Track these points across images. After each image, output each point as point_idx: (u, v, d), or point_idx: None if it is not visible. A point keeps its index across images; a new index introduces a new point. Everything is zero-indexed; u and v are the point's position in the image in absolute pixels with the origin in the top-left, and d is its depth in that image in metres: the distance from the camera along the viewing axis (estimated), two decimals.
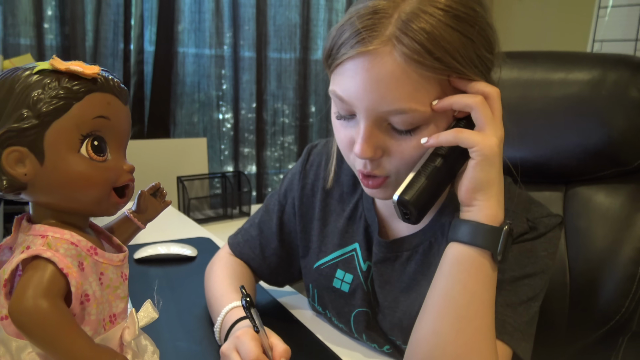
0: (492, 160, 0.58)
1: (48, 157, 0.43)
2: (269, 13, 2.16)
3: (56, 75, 0.43)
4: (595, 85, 0.85)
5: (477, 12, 0.59)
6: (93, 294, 0.44)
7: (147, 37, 1.96)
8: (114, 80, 0.46)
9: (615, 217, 0.84)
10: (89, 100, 0.44)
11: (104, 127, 0.44)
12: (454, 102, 0.59)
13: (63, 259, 0.42)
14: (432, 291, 0.61)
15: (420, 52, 0.56)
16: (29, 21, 1.68)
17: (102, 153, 0.44)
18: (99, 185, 0.45)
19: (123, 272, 0.49)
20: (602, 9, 1.92)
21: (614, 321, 0.80)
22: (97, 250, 0.46)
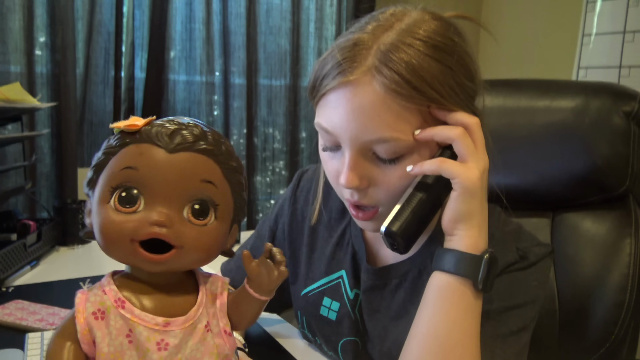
0: (473, 192, 0.58)
1: (93, 208, 0.45)
2: (259, 40, 2.18)
3: (120, 132, 0.45)
4: (579, 112, 0.86)
5: (455, 42, 0.61)
6: (107, 346, 0.42)
7: (137, 64, 1.97)
8: (166, 129, 0.44)
9: (602, 243, 0.84)
10: (123, 153, 0.44)
11: (134, 178, 0.43)
12: (434, 133, 0.59)
13: (83, 303, 0.44)
14: (416, 320, 0.61)
15: (399, 83, 0.57)
16: (20, 49, 1.68)
17: (129, 204, 0.42)
18: (115, 236, 0.43)
19: (163, 340, 0.44)
20: (586, 37, 1.96)
21: (604, 349, 0.80)
22: (126, 305, 0.44)
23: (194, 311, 0.46)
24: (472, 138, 0.60)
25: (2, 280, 1.06)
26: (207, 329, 0.46)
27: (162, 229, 0.42)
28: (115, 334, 0.43)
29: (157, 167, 0.43)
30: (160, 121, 0.45)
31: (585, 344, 0.82)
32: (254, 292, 0.49)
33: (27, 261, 1.17)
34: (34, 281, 1.10)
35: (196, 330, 0.46)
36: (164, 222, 0.42)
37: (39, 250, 1.24)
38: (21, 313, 0.89)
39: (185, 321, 0.45)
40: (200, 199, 0.44)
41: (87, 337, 0.43)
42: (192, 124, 0.45)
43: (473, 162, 0.59)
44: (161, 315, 0.44)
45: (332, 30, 2.41)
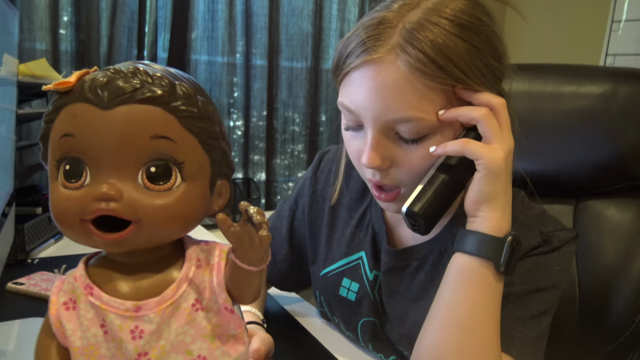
0: (497, 174, 0.58)
1: None
2: (281, 22, 2.17)
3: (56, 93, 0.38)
4: (606, 99, 0.84)
5: (483, 21, 0.60)
6: (79, 340, 0.38)
7: (160, 44, 1.98)
8: (97, 81, 0.36)
9: (626, 231, 0.83)
10: (59, 119, 0.37)
11: (73, 147, 0.36)
12: (459, 114, 0.59)
13: (56, 292, 0.39)
14: (436, 301, 0.61)
15: (424, 61, 0.56)
16: (45, 27, 1.70)
17: (75, 178, 0.36)
18: (65, 217, 0.37)
19: (137, 327, 0.37)
20: (615, 23, 1.92)
21: (624, 337, 0.79)
22: (94, 291, 0.38)
23: (172, 290, 0.39)
24: (498, 119, 0.59)
25: (27, 252, 1.08)
26: (195, 307, 0.39)
27: (110, 204, 0.35)
28: (87, 325, 0.37)
29: (93, 129, 0.35)
30: (95, 72, 0.37)
31: (605, 332, 0.81)
32: (240, 262, 0.39)
33: (51, 234, 1.20)
34: (58, 254, 1.12)
35: (179, 311, 0.39)
36: (111, 195, 0.35)
37: None
38: (46, 284, 0.91)
39: (159, 302, 0.38)
40: (156, 159, 0.36)
41: (60, 331, 0.38)
42: (132, 68, 0.37)
43: (498, 143, 0.58)
44: (132, 299, 0.38)
45: (354, 12, 2.38)
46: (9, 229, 0.92)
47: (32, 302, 0.86)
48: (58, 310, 0.38)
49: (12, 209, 0.94)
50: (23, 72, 1.20)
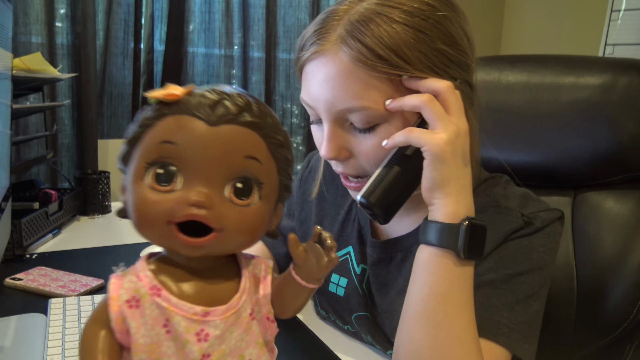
0: (442, 158, 0.56)
1: (128, 186, 0.41)
2: (278, 14, 2.15)
3: (157, 102, 0.40)
4: (605, 89, 0.84)
5: (432, 6, 0.60)
6: (142, 337, 0.39)
7: (157, 37, 1.97)
8: (207, 100, 0.39)
9: (625, 223, 0.83)
10: (160, 126, 0.39)
11: (172, 154, 0.38)
12: (403, 104, 0.59)
13: (116, 289, 0.40)
14: (406, 296, 0.60)
15: (364, 52, 0.57)
16: (41, 20, 1.69)
17: (166, 182, 0.38)
18: (152, 217, 0.39)
19: (203, 330, 0.40)
20: (615, 12, 1.90)
21: (621, 329, 0.79)
22: (162, 292, 0.40)
23: (236, 299, 0.42)
24: (444, 103, 0.58)
25: (25, 247, 1.08)
26: (252, 317, 0.43)
27: (202, 211, 0.38)
28: (152, 324, 0.39)
29: (197, 141, 0.38)
30: (201, 90, 0.40)
31: (603, 324, 0.81)
32: (300, 279, 0.44)
33: (49, 229, 1.20)
34: (56, 249, 1.12)
35: (240, 319, 0.42)
36: (203, 202, 0.38)
37: (60, 219, 1.26)
38: (44, 279, 0.91)
39: (226, 310, 0.41)
40: (243, 177, 0.40)
41: (120, 327, 0.39)
42: (236, 93, 0.41)
43: (441, 128, 0.57)
44: (200, 304, 0.40)
45: None
46: (6, 224, 0.92)
47: (30, 298, 0.86)
48: (121, 307, 0.39)
49: (8, 204, 0.94)
50: (18, 66, 1.19)
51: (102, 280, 0.92)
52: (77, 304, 0.81)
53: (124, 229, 1.31)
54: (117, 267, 0.44)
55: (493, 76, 0.95)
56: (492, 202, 0.67)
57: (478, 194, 0.67)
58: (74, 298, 0.83)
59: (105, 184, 1.41)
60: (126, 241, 1.19)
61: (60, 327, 0.74)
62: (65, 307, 0.79)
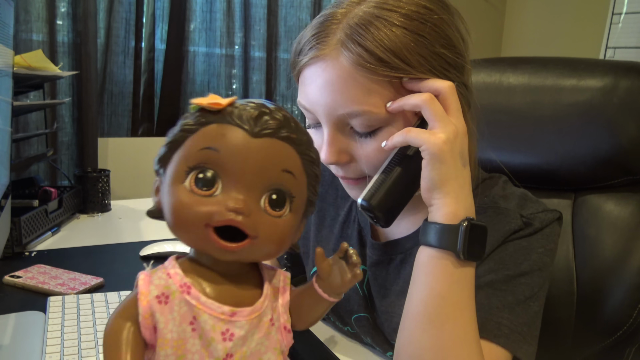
0: (441, 158, 0.56)
1: (165, 187, 0.42)
2: (280, 14, 2.16)
3: (197, 110, 0.42)
4: (607, 92, 0.84)
5: (430, 9, 0.59)
6: (170, 332, 0.40)
7: (158, 36, 1.97)
8: (250, 112, 0.40)
9: (625, 226, 0.83)
10: (203, 132, 0.41)
11: (213, 160, 0.40)
12: (403, 103, 0.59)
13: (146, 285, 0.41)
14: (407, 298, 0.60)
15: (364, 56, 0.57)
16: (42, 17, 1.69)
17: (206, 186, 0.39)
18: (190, 220, 0.39)
19: (228, 330, 0.41)
20: (616, 16, 1.91)
21: (621, 332, 0.79)
22: (192, 290, 0.41)
23: (261, 303, 0.43)
24: (445, 103, 0.58)
25: (25, 245, 1.08)
26: (271, 322, 0.44)
27: (239, 217, 0.39)
28: (179, 321, 0.40)
29: (239, 150, 0.40)
30: (243, 102, 0.42)
31: (603, 326, 0.81)
32: (322, 292, 0.46)
33: (48, 227, 1.19)
34: (56, 247, 1.12)
35: (262, 323, 0.43)
36: (242, 209, 0.39)
37: (60, 216, 1.26)
38: (43, 277, 0.91)
39: (251, 312, 0.42)
40: (278, 189, 0.41)
41: (148, 322, 0.40)
42: (275, 108, 0.42)
43: (440, 128, 0.57)
44: (227, 304, 0.41)
45: None
46: (5, 222, 0.92)
47: (29, 295, 0.86)
48: (150, 302, 0.40)
49: (8, 202, 0.94)
50: (19, 64, 1.19)
51: (102, 278, 0.92)
52: (76, 302, 0.80)
53: (124, 228, 1.31)
54: (147, 264, 0.45)
55: (494, 78, 0.95)
56: (491, 203, 0.67)
57: (476, 195, 0.67)
58: (73, 296, 0.83)
59: (105, 182, 1.41)
60: (125, 240, 1.19)
61: (59, 325, 0.74)
62: (64, 305, 0.79)
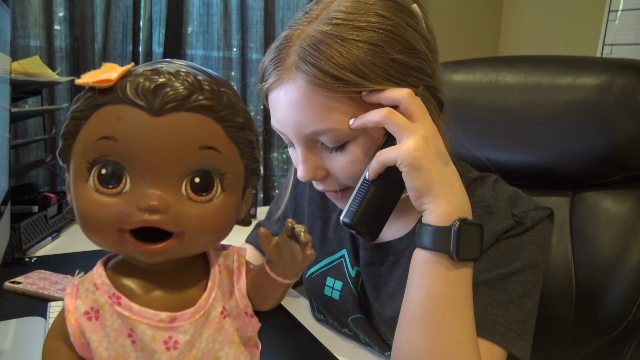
0: (417, 165, 0.56)
1: (71, 186, 0.36)
2: (276, 16, 2.16)
3: (88, 88, 0.35)
4: (603, 90, 0.84)
5: (382, 16, 0.59)
6: (106, 350, 0.36)
7: (155, 39, 1.97)
8: (146, 84, 0.33)
9: (623, 223, 0.83)
10: (96, 118, 0.34)
11: (114, 151, 0.33)
12: (365, 121, 0.59)
13: (72, 300, 0.37)
14: (404, 300, 0.60)
15: (318, 76, 0.57)
16: (39, 23, 1.69)
17: (112, 184, 0.34)
18: (100, 225, 0.34)
19: (171, 337, 0.36)
20: (612, 13, 1.91)
21: (620, 329, 0.79)
22: (122, 301, 0.36)
23: (204, 299, 0.38)
24: (406, 111, 0.58)
25: (24, 251, 1.08)
26: (223, 315, 0.39)
27: (156, 215, 0.33)
28: (115, 336, 0.36)
29: (141, 135, 0.33)
30: (140, 70, 0.34)
31: (601, 324, 0.81)
32: (275, 275, 0.40)
33: (48, 233, 1.20)
34: (56, 252, 1.12)
35: (210, 319, 0.38)
36: (157, 206, 0.33)
37: (59, 222, 1.26)
38: (43, 282, 0.91)
39: (194, 313, 0.37)
40: (201, 170, 0.35)
41: (80, 341, 0.36)
42: (183, 71, 0.34)
43: (406, 137, 0.56)
44: (166, 310, 0.36)
45: None
46: (5, 228, 0.92)
47: (29, 301, 0.86)
48: (78, 320, 0.36)
49: (7, 208, 0.94)
50: (16, 70, 1.19)
51: None
52: None
53: None
54: (76, 274, 0.42)
55: (491, 77, 0.95)
56: (482, 203, 0.67)
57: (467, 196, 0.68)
58: None
59: None
60: None
61: None
62: None
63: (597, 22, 1.97)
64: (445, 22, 2.24)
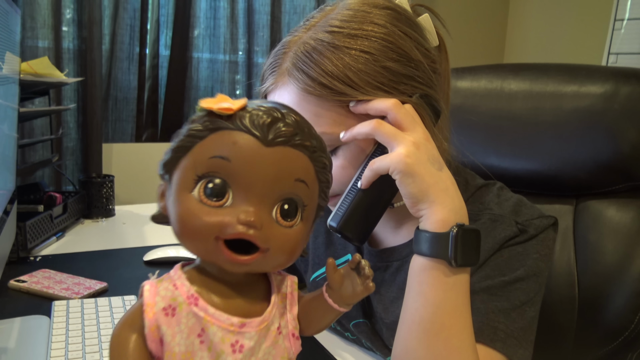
0: (410, 172, 0.56)
1: (171, 194, 0.40)
2: (283, 20, 2.17)
3: (205, 112, 0.39)
4: (607, 98, 0.84)
5: (377, 24, 0.60)
6: (177, 345, 0.39)
7: (162, 42, 1.98)
8: (262, 118, 0.38)
9: (626, 231, 0.83)
10: (212, 139, 0.38)
11: (224, 170, 0.38)
12: (355, 134, 0.59)
13: (152, 296, 0.39)
14: (402, 307, 0.60)
15: (308, 83, 0.58)
16: (48, 24, 1.71)
17: (217, 197, 0.38)
18: (198, 231, 0.38)
19: (238, 341, 0.40)
20: (618, 22, 1.91)
21: (623, 337, 0.79)
22: (200, 302, 0.39)
23: (269, 312, 0.42)
24: (394, 121, 0.58)
25: (29, 250, 1.09)
26: (279, 331, 0.43)
27: (251, 230, 0.37)
28: (187, 333, 0.39)
29: (252, 160, 0.38)
30: (255, 106, 0.39)
31: (604, 332, 0.81)
32: (333, 302, 0.45)
33: (53, 232, 1.20)
34: (60, 252, 1.13)
35: (269, 332, 0.42)
36: (254, 222, 0.37)
37: (64, 222, 1.27)
38: (48, 282, 0.92)
39: (261, 322, 0.41)
40: (290, 199, 0.39)
41: (154, 334, 0.39)
42: (287, 112, 0.40)
43: (397, 145, 0.57)
44: (237, 315, 0.40)
45: None
46: (11, 227, 0.92)
47: (34, 300, 0.87)
48: (156, 314, 0.39)
49: (14, 207, 0.95)
50: (25, 71, 1.20)
51: (106, 283, 0.92)
52: (80, 307, 0.81)
53: (128, 233, 1.31)
54: (152, 274, 0.43)
55: (496, 84, 0.96)
56: (486, 210, 0.67)
57: (471, 203, 0.68)
58: (77, 301, 0.83)
59: (110, 187, 1.42)
60: (129, 245, 1.19)
61: (64, 330, 0.74)
62: (69, 310, 0.80)
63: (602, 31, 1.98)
64: (451, 29, 2.24)
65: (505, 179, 0.75)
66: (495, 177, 0.75)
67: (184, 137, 0.39)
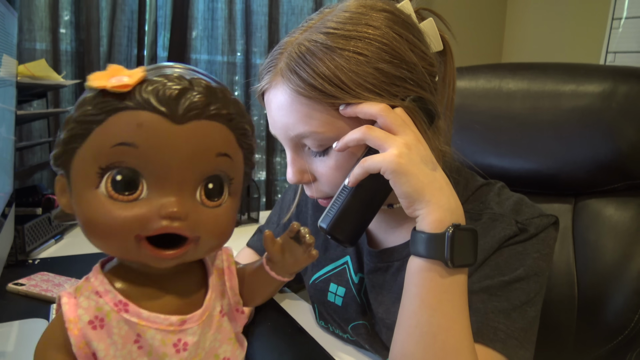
0: (403, 171, 0.56)
1: (73, 191, 0.35)
2: (281, 21, 2.17)
3: (97, 91, 0.33)
4: (606, 97, 0.84)
5: (372, 26, 0.60)
6: (113, 358, 0.35)
7: (160, 44, 1.98)
8: (168, 90, 0.32)
9: (625, 230, 0.83)
10: (112, 123, 0.33)
11: (131, 157, 0.33)
12: (347, 141, 0.59)
13: (73, 310, 0.35)
14: (400, 310, 0.60)
15: (300, 85, 0.59)
16: (45, 26, 1.70)
17: (128, 191, 0.33)
18: (113, 231, 0.33)
19: (180, 340, 0.36)
20: (616, 20, 1.91)
21: (622, 336, 0.79)
22: (130, 307, 0.35)
23: (209, 299, 0.39)
24: (384, 125, 0.58)
25: (28, 253, 1.09)
26: (222, 314, 0.40)
27: (176, 222, 0.33)
28: (122, 343, 0.35)
29: (163, 142, 0.32)
30: (157, 76, 0.33)
31: (604, 331, 0.81)
32: (275, 274, 0.43)
33: (51, 235, 1.20)
34: (59, 254, 1.13)
35: (212, 319, 0.39)
36: (178, 213, 0.33)
37: (63, 224, 1.27)
38: (46, 285, 0.91)
39: (202, 314, 0.38)
40: (214, 176, 0.35)
41: (84, 351, 0.35)
42: (196, 78, 0.34)
43: (388, 146, 0.57)
44: (175, 313, 0.36)
45: None
46: (9, 230, 0.92)
47: (32, 303, 0.86)
48: (82, 330, 0.35)
49: (12, 210, 0.95)
50: (22, 73, 1.20)
51: None
52: None
53: None
54: (69, 285, 0.41)
55: (494, 84, 0.95)
56: (486, 209, 0.67)
57: (472, 202, 0.68)
58: None
59: None
60: None
61: None
62: None
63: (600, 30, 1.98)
64: None
65: (504, 178, 0.75)
66: (493, 176, 0.74)
67: (76, 123, 0.33)
